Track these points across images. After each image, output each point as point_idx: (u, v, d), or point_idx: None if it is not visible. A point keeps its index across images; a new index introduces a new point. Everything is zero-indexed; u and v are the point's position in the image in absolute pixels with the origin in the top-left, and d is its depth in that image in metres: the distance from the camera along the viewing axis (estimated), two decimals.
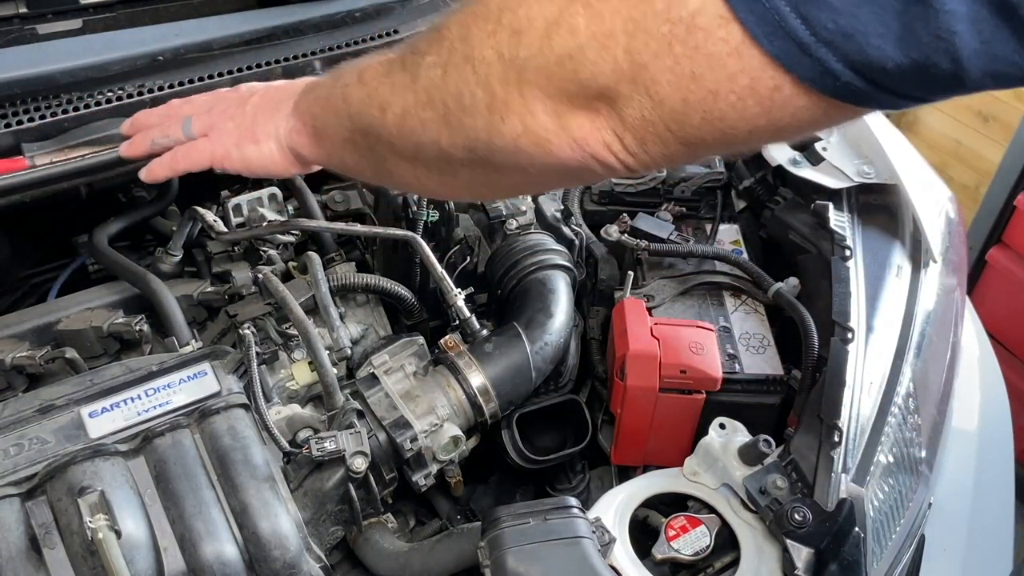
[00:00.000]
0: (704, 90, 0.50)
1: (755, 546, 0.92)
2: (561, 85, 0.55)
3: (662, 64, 0.50)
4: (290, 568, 0.82)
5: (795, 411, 1.06)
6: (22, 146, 0.93)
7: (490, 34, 0.58)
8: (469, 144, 0.63)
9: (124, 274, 1.08)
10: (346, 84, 0.74)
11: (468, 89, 0.60)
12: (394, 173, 0.74)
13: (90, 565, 0.75)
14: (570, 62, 0.54)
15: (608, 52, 0.52)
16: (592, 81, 0.53)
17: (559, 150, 0.58)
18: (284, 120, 0.86)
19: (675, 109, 0.52)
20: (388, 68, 0.69)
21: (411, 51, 0.67)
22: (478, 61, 0.58)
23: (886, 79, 0.46)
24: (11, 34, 0.99)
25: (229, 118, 0.90)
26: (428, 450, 0.97)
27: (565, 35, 0.53)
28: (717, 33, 0.48)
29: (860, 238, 1.20)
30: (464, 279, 1.15)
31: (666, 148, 0.55)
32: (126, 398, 0.86)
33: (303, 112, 0.84)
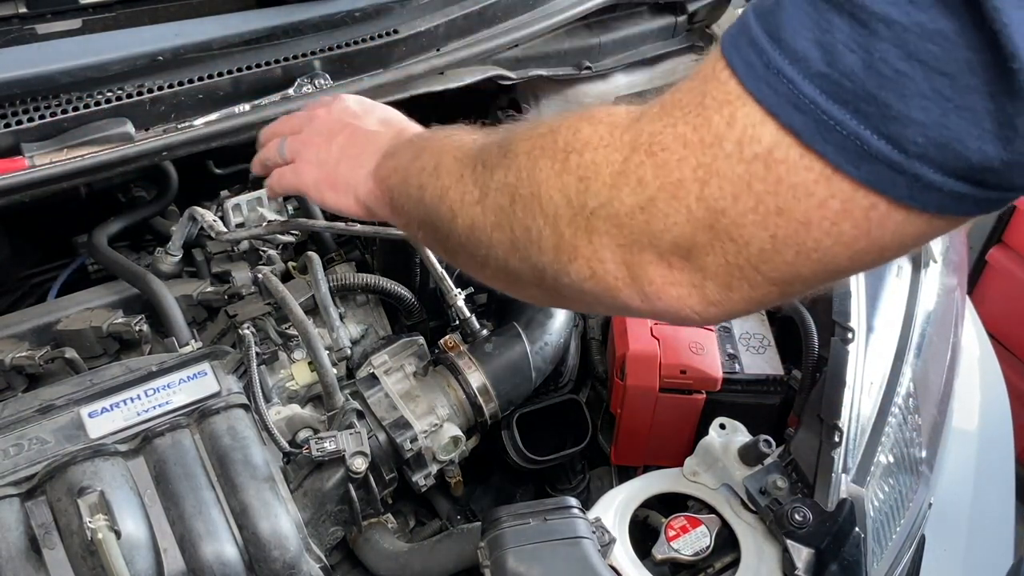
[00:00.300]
0: (794, 223, 0.47)
1: (755, 546, 0.92)
2: (633, 237, 0.53)
3: (743, 206, 0.48)
4: (290, 568, 0.81)
5: (795, 411, 1.06)
6: (22, 146, 0.93)
7: (557, 175, 0.56)
8: (536, 273, 0.61)
9: (124, 274, 1.08)
10: (423, 169, 0.73)
11: (536, 226, 0.58)
12: (464, 267, 0.73)
13: (90, 565, 0.75)
14: (641, 214, 0.52)
15: (680, 202, 0.50)
16: (666, 233, 0.51)
17: (628, 300, 0.56)
18: (364, 179, 0.84)
19: (764, 249, 0.49)
20: (461, 169, 0.67)
21: (481, 160, 0.65)
22: (546, 201, 0.57)
23: (993, 177, 0.44)
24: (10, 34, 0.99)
25: (315, 151, 0.90)
26: (428, 450, 0.97)
27: (633, 186, 0.51)
28: (800, 163, 0.46)
29: None
30: (464, 279, 1.15)
31: (754, 290, 0.52)
32: (126, 398, 0.86)
33: (382, 180, 0.82)
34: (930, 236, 0.49)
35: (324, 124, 0.91)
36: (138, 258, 1.17)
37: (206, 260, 1.15)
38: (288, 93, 1.08)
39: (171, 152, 1.00)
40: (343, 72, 1.13)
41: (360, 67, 1.15)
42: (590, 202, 0.54)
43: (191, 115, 1.03)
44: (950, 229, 0.50)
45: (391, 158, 0.82)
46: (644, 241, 0.52)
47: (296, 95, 1.08)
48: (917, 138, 0.43)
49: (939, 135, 0.42)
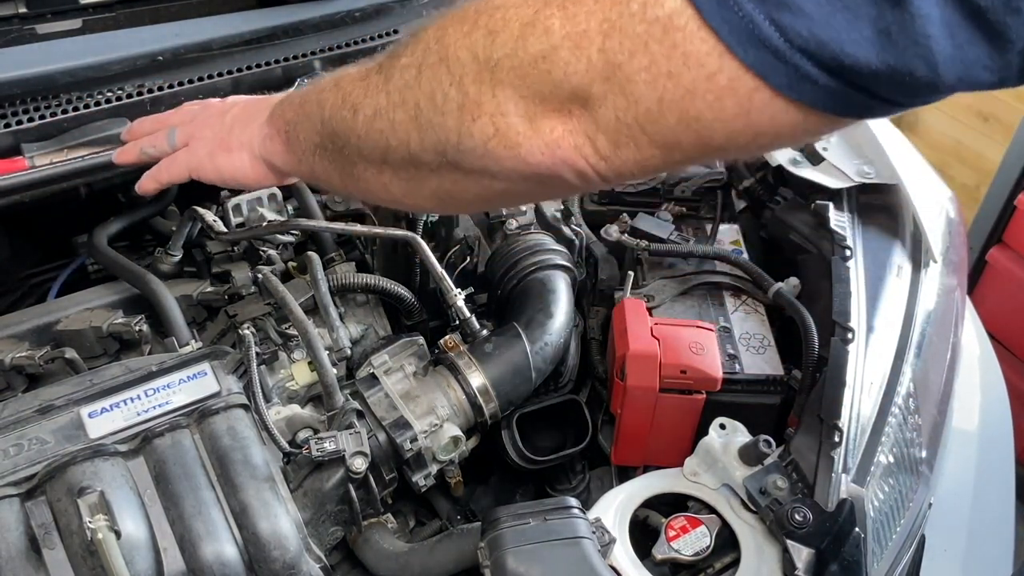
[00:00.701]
0: (681, 88, 0.50)
1: (755, 546, 0.92)
2: (534, 86, 0.55)
3: (638, 63, 0.50)
4: (290, 568, 0.81)
5: (795, 411, 1.06)
6: (22, 146, 0.93)
7: (466, 35, 0.58)
8: (439, 146, 0.62)
9: (124, 274, 1.08)
10: (322, 89, 0.74)
11: (441, 89, 0.60)
12: (361, 179, 0.74)
13: (90, 565, 0.75)
14: (543, 62, 0.54)
15: (582, 52, 0.52)
16: (565, 81, 0.53)
17: (529, 154, 0.58)
18: (259, 128, 0.86)
19: (650, 109, 0.51)
20: (365, 73, 0.69)
21: (388, 55, 0.67)
22: (452, 61, 0.58)
23: (863, 81, 0.47)
24: (11, 34, 0.99)
25: (208, 128, 0.90)
26: (428, 450, 0.97)
27: (539, 35, 0.53)
28: (696, 34, 0.48)
29: (860, 238, 1.20)
30: (464, 279, 1.15)
31: (640, 151, 0.55)
32: (126, 398, 0.86)
33: (277, 118, 0.83)
34: (808, 132, 0.52)
35: (218, 107, 0.91)
36: (138, 258, 1.17)
37: (206, 260, 1.15)
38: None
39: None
40: None
41: None
42: (496, 54, 0.56)
43: None
44: (828, 130, 0.53)
45: (286, 100, 0.83)
46: (545, 91, 0.55)
47: None
48: (803, 31, 0.45)
49: (823, 32, 0.45)
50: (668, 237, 1.25)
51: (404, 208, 1.06)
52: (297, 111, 0.80)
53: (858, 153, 1.31)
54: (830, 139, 1.33)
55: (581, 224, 1.28)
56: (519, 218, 1.14)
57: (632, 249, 1.21)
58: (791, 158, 1.30)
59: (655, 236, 1.25)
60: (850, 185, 1.26)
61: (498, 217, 1.13)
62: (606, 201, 1.35)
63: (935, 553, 0.96)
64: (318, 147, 0.76)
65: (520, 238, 1.14)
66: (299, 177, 0.88)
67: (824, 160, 1.29)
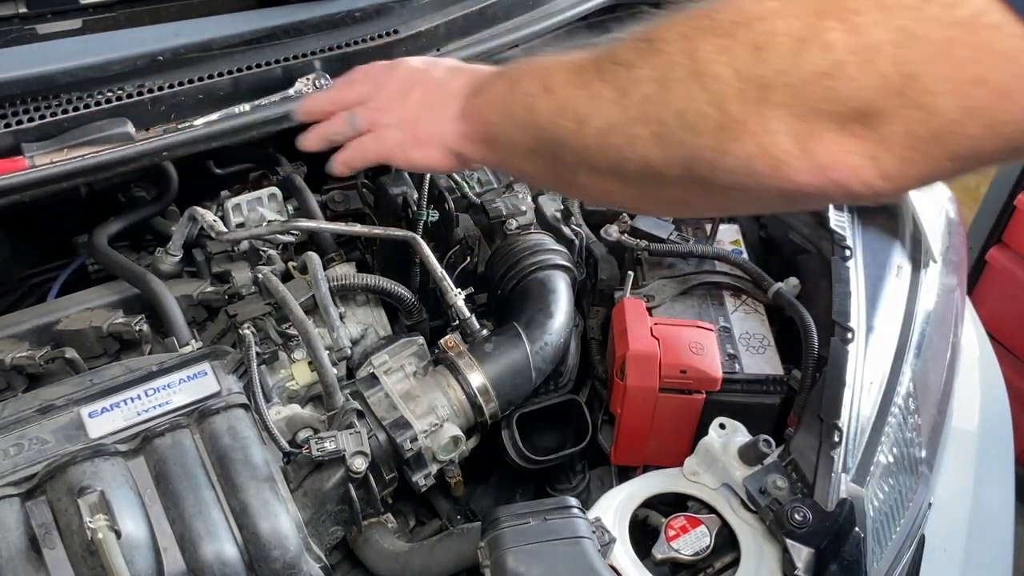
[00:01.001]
0: (993, 93, 0.47)
1: (755, 546, 0.92)
2: (811, 105, 0.52)
3: (939, 71, 0.47)
4: (290, 568, 0.82)
5: (795, 411, 1.06)
6: (22, 146, 0.93)
7: (724, 49, 0.54)
8: (687, 163, 0.59)
9: (124, 274, 1.08)
10: (529, 93, 0.71)
11: (694, 107, 0.56)
12: (580, 185, 0.72)
13: (90, 565, 0.75)
14: (826, 79, 0.50)
15: (871, 66, 0.49)
16: (851, 99, 0.50)
17: (796, 174, 0.54)
18: (451, 124, 0.83)
19: (951, 119, 0.48)
20: (582, 78, 0.66)
21: (612, 61, 0.63)
22: (709, 78, 0.55)
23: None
24: (11, 34, 0.99)
25: (391, 113, 0.89)
26: (428, 450, 0.97)
27: (819, 51, 0.50)
28: (1009, 29, 0.45)
29: (860, 238, 1.20)
30: (464, 279, 1.15)
31: (929, 165, 0.51)
32: (126, 398, 0.86)
33: (473, 117, 0.81)
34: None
35: (395, 87, 0.90)
36: (138, 258, 1.17)
37: (206, 260, 1.15)
38: (288, 93, 1.08)
39: (171, 152, 1.00)
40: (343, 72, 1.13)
41: None
42: (764, 71, 0.52)
43: (191, 115, 1.03)
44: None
45: (479, 94, 0.81)
46: (824, 109, 0.51)
47: (296, 95, 1.08)
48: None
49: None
50: (668, 237, 1.25)
51: (630, 211, 0.99)
52: (500, 115, 0.76)
53: None
54: None
55: (581, 224, 1.28)
56: (519, 218, 1.14)
57: (632, 249, 1.21)
58: None
59: (655, 236, 1.25)
60: None
61: (498, 217, 1.13)
62: None
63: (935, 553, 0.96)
64: (529, 152, 0.73)
65: (520, 238, 1.14)
66: (502, 171, 0.86)
67: None
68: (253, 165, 1.27)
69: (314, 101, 0.99)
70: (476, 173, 1.19)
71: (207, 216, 1.11)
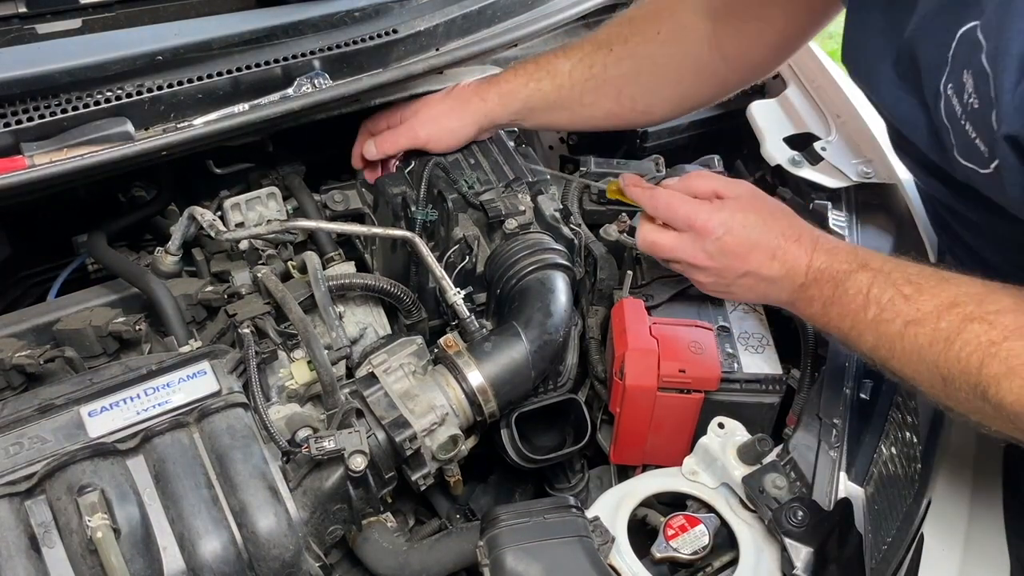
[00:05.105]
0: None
1: (754, 545, 0.92)
2: None
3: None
4: (289, 567, 0.82)
5: (794, 410, 1.06)
6: (21, 146, 0.93)
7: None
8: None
9: (123, 274, 1.08)
10: (872, 347, 0.88)
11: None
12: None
13: (89, 564, 0.75)
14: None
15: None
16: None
17: None
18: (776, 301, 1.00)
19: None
20: (931, 378, 0.83)
21: (955, 382, 0.80)
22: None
23: None
24: (10, 34, 1.00)
25: (710, 283, 1.02)
26: (427, 449, 0.97)
27: None
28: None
29: (859, 238, 1.20)
30: (463, 278, 1.15)
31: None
32: (125, 397, 0.86)
33: (807, 317, 0.98)
34: None
35: (710, 274, 1.00)
36: (138, 258, 1.17)
37: (206, 260, 1.15)
38: (287, 93, 1.08)
39: (171, 151, 1.01)
40: (343, 72, 1.13)
41: (359, 67, 1.15)
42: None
43: (190, 115, 1.03)
44: None
45: (808, 305, 0.95)
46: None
47: (295, 95, 1.08)
48: None
49: None
50: None
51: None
52: (836, 332, 0.94)
53: (857, 153, 1.31)
54: (830, 139, 1.33)
55: (580, 224, 1.28)
56: (518, 218, 1.14)
57: (631, 249, 1.21)
58: (790, 158, 1.30)
59: None
60: (849, 185, 1.26)
61: (497, 216, 1.13)
62: (605, 201, 1.35)
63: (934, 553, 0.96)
64: (840, 342, 0.97)
65: (519, 238, 1.14)
66: None
67: (823, 160, 1.29)
68: (252, 165, 1.27)
69: (636, 192, 1.07)
70: (475, 172, 1.19)
71: (206, 216, 1.11)
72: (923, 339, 0.82)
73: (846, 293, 0.89)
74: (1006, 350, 0.75)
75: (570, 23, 1.37)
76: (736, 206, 0.98)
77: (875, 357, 0.89)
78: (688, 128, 1.50)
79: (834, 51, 1.16)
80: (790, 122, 1.38)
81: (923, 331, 0.82)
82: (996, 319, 0.77)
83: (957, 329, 0.79)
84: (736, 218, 0.97)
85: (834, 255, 0.93)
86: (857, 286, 0.88)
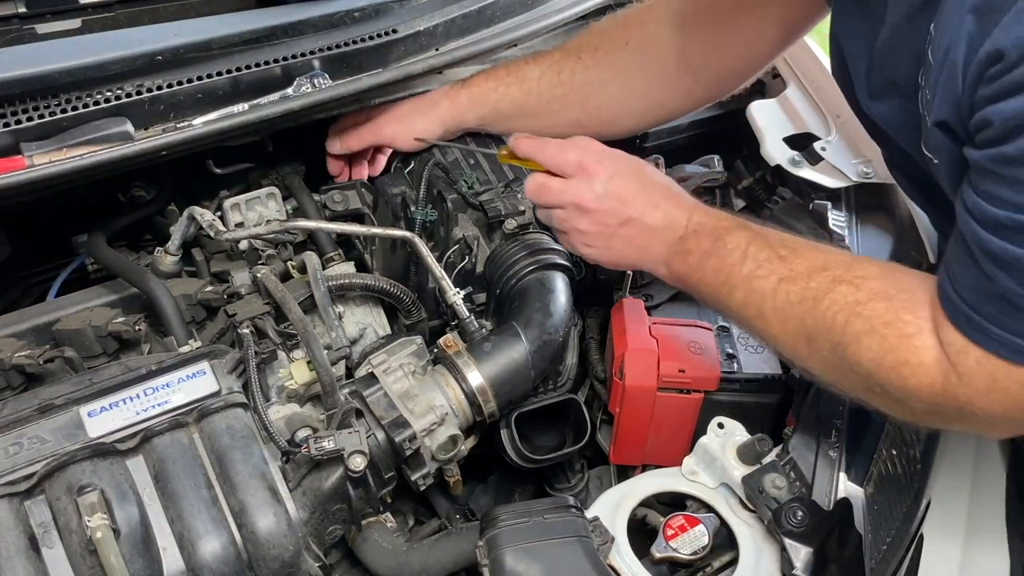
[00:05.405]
0: None
1: (754, 545, 0.92)
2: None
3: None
4: (289, 567, 0.82)
5: (794, 410, 1.06)
6: (21, 145, 0.93)
7: (886, 369, 0.80)
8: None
9: (123, 273, 1.08)
10: (741, 303, 0.91)
11: (854, 381, 0.85)
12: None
13: (89, 564, 0.75)
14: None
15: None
16: None
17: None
18: (654, 265, 1.00)
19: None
20: (795, 337, 0.87)
21: (819, 335, 0.84)
22: (868, 375, 0.82)
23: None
24: (10, 34, 0.99)
25: (590, 238, 1.00)
26: (427, 449, 0.97)
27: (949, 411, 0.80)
28: None
29: (859, 238, 1.20)
30: (463, 279, 1.15)
31: None
32: (125, 397, 0.86)
33: (678, 276, 0.97)
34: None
35: (595, 219, 0.98)
36: (138, 258, 1.17)
37: (205, 260, 1.15)
38: (287, 92, 1.08)
39: (170, 151, 1.00)
40: (342, 71, 1.13)
41: (359, 66, 1.15)
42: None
43: (190, 114, 1.03)
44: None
45: (685, 258, 0.96)
46: None
47: (295, 95, 1.08)
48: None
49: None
50: None
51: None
52: (707, 290, 0.95)
53: (857, 153, 1.31)
54: (829, 139, 1.33)
55: None
56: (517, 218, 1.14)
57: None
58: (790, 158, 1.30)
59: None
60: (849, 185, 1.26)
61: (497, 216, 1.13)
62: None
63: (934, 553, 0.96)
64: (717, 310, 1.00)
65: (519, 238, 1.14)
66: None
67: (823, 160, 1.29)
68: (252, 165, 1.27)
69: (527, 146, 1.05)
70: (475, 172, 1.19)
71: (206, 216, 1.11)
72: (793, 296, 0.86)
73: (724, 247, 0.92)
74: (870, 310, 0.80)
75: (570, 23, 1.37)
76: (623, 158, 1.01)
77: (742, 314, 0.92)
78: (688, 128, 1.50)
79: None
80: (790, 122, 1.38)
81: (794, 288, 0.86)
82: (863, 283, 0.82)
83: (826, 289, 0.84)
84: (624, 166, 1.00)
85: (712, 215, 0.97)
86: (736, 241, 0.92)
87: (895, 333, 0.79)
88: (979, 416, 0.76)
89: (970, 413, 0.76)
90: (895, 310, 0.80)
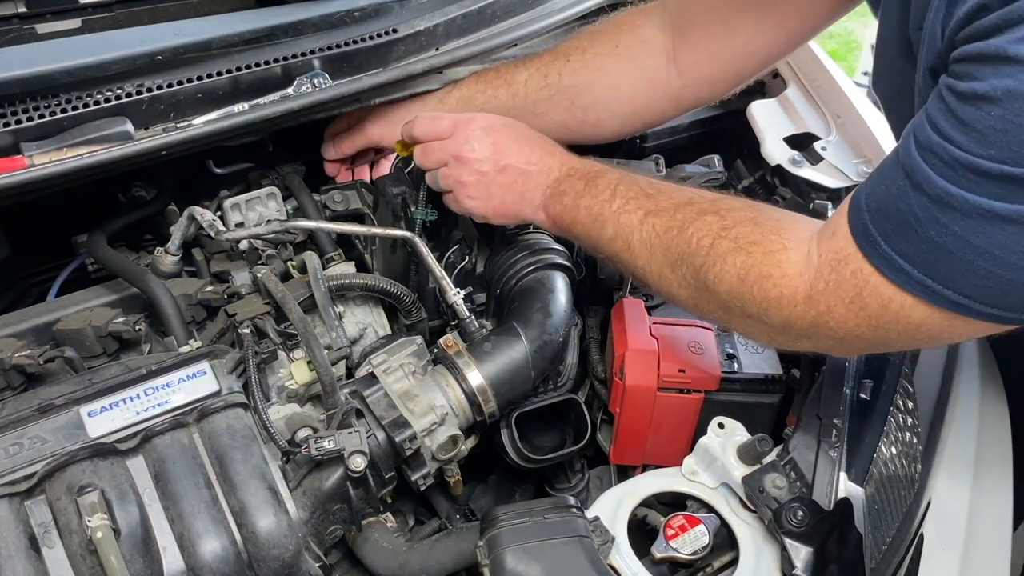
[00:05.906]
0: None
1: (754, 545, 0.92)
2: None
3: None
4: (289, 567, 0.82)
5: (794, 410, 1.06)
6: (21, 145, 0.93)
7: (749, 291, 0.85)
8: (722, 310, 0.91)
9: (123, 273, 1.08)
10: (609, 239, 0.96)
11: (718, 310, 0.92)
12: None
13: (89, 564, 0.75)
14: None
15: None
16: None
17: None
18: (533, 212, 1.05)
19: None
20: (660, 264, 0.92)
21: (681, 262, 0.90)
22: (732, 300, 0.87)
23: None
24: (10, 34, 1.00)
25: (472, 190, 1.05)
26: (427, 449, 0.97)
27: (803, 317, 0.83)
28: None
29: None
30: (463, 278, 1.15)
31: None
32: (125, 397, 0.86)
33: (554, 219, 1.03)
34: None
35: (474, 167, 1.04)
36: (138, 258, 1.17)
37: (205, 260, 1.15)
38: (287, 92, 1.08)
39: (170, 151, 1.00)
40: (342, 71, 1.13)
41: (359, 66, 1.15)
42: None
43: (190, 114, 1.03)
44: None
45: (560, 199, 1.02)
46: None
47: (295, 94, 1.08)
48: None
49: None
50: None
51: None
52: (580, 231, 1.01)
53: (857, 153, 1.31)
54: (830, 139, 1.33)
55: None
56: None
57: None
58: (790, 158, 1.30)
59: None
60: (849, 185, 1.26)
61: None
62: None
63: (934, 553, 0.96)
64: (594, 253, 1.08)
65: (519, 237, 1.14)
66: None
67: (823, 160, 1.29)
68: (252, 165, 1.27)
69: (405, 129, 1.11)
70: None
71: (206, 215, 1.11)
72: (660, 227, 0.92)
73: (595, 186, 0.99)
74: (736, 232, 0.86)
75: (570, 23, 1.37)
76: (495, 116, 1.10)
77: (612, 248, 0.98)
78: (688, 128, 1.50)
79: (834, 51, 1.16)
80: (790, 122, 1.38)
81: (660, 221, 0.92)
82: (728, 213, 0.88)
83: (692, 219, 0.90)
84: (497, 121, 1.08)
85: (585, 161, 1.04)
86: (606, 181, 0.98)
87: (760, 250, 0.83)
88: (832, 328, 0.79)
89: (824, 324, 0.79)
90: (761, 232, 0.84)
